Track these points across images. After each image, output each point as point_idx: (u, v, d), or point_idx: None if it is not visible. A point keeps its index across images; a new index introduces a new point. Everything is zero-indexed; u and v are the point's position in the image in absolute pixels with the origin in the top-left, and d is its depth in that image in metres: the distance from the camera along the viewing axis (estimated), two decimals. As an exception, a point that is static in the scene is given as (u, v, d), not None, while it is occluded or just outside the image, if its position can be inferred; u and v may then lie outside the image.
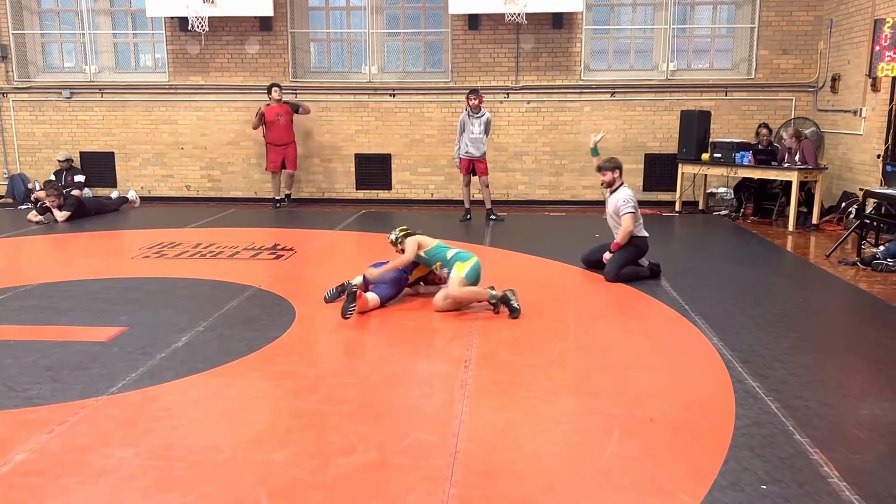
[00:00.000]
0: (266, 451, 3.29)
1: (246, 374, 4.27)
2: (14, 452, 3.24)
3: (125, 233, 9.08)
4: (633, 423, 3.56)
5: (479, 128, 9.38)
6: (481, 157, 9.48)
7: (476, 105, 9.30)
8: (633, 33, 11.30)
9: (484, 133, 9.44)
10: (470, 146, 9.43)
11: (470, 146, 9.43)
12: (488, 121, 9.47)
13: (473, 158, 9.47)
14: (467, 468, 3.12)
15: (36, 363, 4.36)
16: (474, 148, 9.43)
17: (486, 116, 9.42)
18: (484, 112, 9.43)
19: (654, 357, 4.54)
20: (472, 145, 9.43)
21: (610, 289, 6.22)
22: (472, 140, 9.41)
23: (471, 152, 9.45)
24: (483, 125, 9.39)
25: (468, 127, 9.40)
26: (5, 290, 6.04)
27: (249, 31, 11.05)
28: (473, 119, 9.37)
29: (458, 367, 4.29)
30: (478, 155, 9.45)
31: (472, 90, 9.43)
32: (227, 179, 11.54)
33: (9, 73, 11.44)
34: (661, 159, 10.95)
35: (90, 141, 11.59)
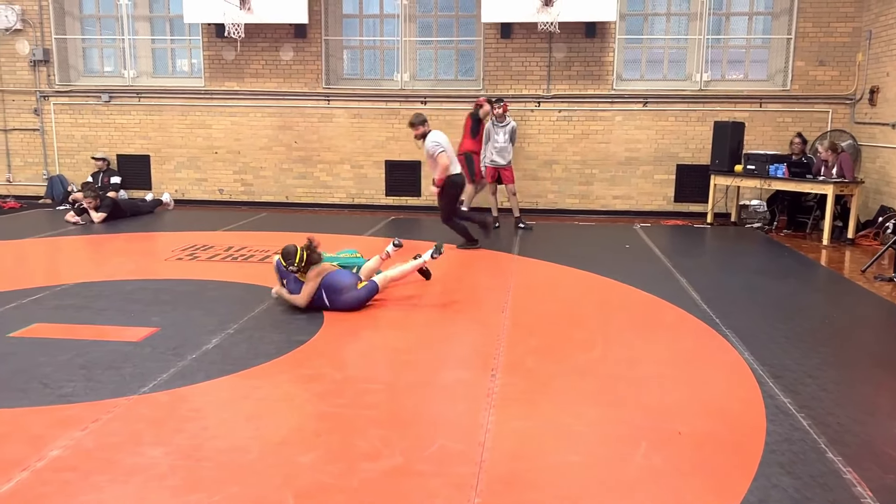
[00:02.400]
0: (293, 454, 3.32)
1: (274, 377, 4.31)
2: (48, 448, 3.31)
3: (159, 234, 9.23)
4: (660, 436, 3.52)
5: (504, 136, 9.38)
6: (507, 166, 9.47)
7: (500, 114, 9.31)
8: (666, 43, 11.23)
9: (510, 141, 9.43)
10: (495, 154, 9.44)
11: (495, 154, 9.44)
12: (513, 129, 9.46)
13: (499, 167, 9.48)
14: (492, 477, 3.12)
15: (70, 361, 4.45)
16: (499, 156, 9.43)
17: (511, 125, 9.42)
18: (509, 120, 9.43)
19: (682, 369, 4.50)
20: (497, 154, 9.43)
21: (639, 300, 6.17)
22: (498, 149, 9.41)
23: (496, 161, 9.46)
24: (508, 133, 9.38)
25: (493, 136, 9.42)
26: (42, 289, 6.18)
27: (284, 38, 11.19)
28: (498, 128, 9.38)
29: (484, 376, 4.29)
30: (503, 163, 9.45)
31: (497, 99, 9.45)
32: (259, 184, 11.68)
33: (50, 76, 11.72)
34: (694, 170, 10.84)
35: (127, 144, 11.81)
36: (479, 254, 8.14)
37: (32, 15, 11.53)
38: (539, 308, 5.85)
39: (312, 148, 11.50)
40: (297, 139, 11.47)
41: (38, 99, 11.78)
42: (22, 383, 4.10)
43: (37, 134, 11.91)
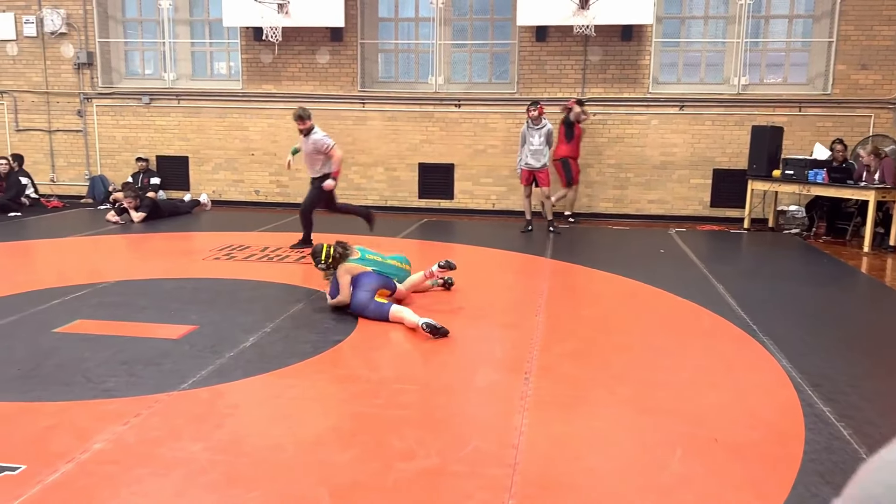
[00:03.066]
0: (328, 452, 3.36)
1: (310, 376, 4.36)
2: (92, 441, 3.40)
3: (197, 234, 9.39)
4: (696, 443, 3.49)
5: (540, 139, 9.36)
6: (542, 169, 9.45)
7: (536, 116, 9.29)
8: (703, 46, 11.12)
9: (545, 144, 9.41)
10: (530, 157, 9.43)
11: (530, 157, 9.43)
12: (549, 132, 9.43)
13: (534, 169, 9.46)
14: (526, 479, 3.12)
15: (112, 357, 4.55)
16: (534, 159, 9.41)
17: (546, 127, 9.39)
18: (545, 123, 9.40)
19: (719, 375, 4.45)
20: (532, 156, 9.42)
21: (674, 305, 6.12)
22: (533, 151, 9.40)
23: (531, 163, 9.44)
24: (544, 136, 9.36)
25: (528, 138, 9.41)
26: (84, 287, 6.32)
27: (320, 42, 11.31)
28: (533, 130, 9.37)
29: (518, 379, 4.29)
30: (538, 166, 9.43)
31: (533, 101, 9.45)
32: (295, 185, 11.80)
33: (94, 79, 12.00)
34: (730, 175, 10.71)
35: (166, 145, 12.03)
36: (512, 256, 8.14)
37: (77, 19, 11.81)
38: (573, 312, 5.83)
39: (347, 150, 11.56)
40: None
41: (82, 101, 12.06)
42: (66, 377, 4.21)
43: (80, 135, 12.19)
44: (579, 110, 10.12)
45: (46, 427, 3.57)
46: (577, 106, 10.14)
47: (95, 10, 11.78)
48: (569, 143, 10.24)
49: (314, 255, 5.70)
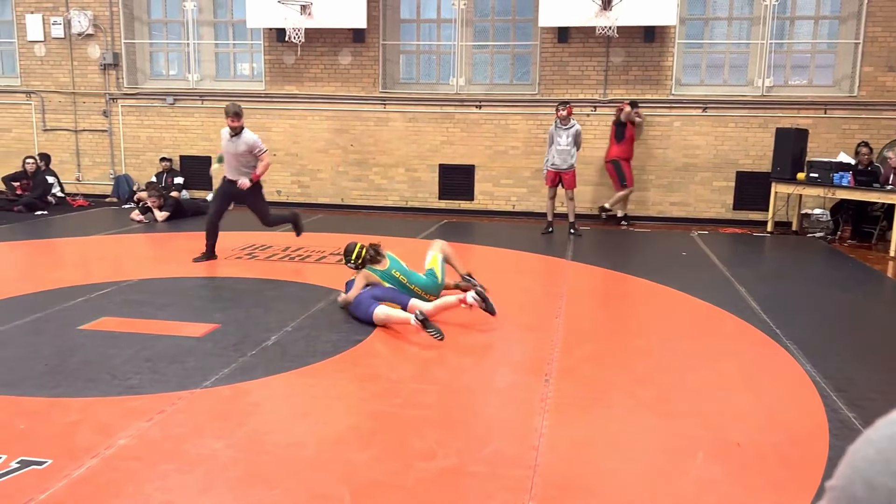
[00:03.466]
0: (349, 451, 3.37)
1: (331, 375, 4.39)
2: (117, 437, 3.44)
3: (219, 234, 9.44)
4: (717, 447, 3.47)
5: (567, 139, 9.31)
6: (568, 170, 9.40)
7: (565, 116, 9.25)
8: (727, 48, 11.03)
9: (573, 145, 9.36)
10: (556, 158, 9.38)
11: (556, 158, 9.38)
12: (578, 133, 9.37)
13: (560, 170, 9.42)
14: (547, 481, 3.11)
15: (137, 354, 4.61)
16: (560, 160, 9.37)
17: (575, 128, 9.34)
18: (573, 124, 9.35)
19: (741, 380, 4.41)
20: (558, 157, 9.37)
21: (696, 308, 6.07)
22: (560, 152, 9.35)
23: (557, 164, 9.40)
24: (571, 137, 9.31)
25: (556, 138, 9.37)
26: (109, 285, 6.41)
27: (343, 43, 11.37)
28: (561, 130, 9.32)
29: (538, 381, 4.28)
30: (564, 167, 9.39)
31: (562, 102, 9.41)
32: (316, 186, 11.88)
33: (119, 79, 12.15)
34: (754, 177, 10.61)
35: (190, 145, 12.15)
36: (532, 258, 8.12)
37: (104, 20, 11.97)
38: (594, 314, 5.81)
39: (368, 151, 11.64)
40: (353, 142, 11.64)
41: (107, 101, 12.21)
42: (92, 374, 4.27)
43: (105, 135, 12.35)
44: (629, 111, 10.13)
45: (72, 422, 3.63)
46: (628, 107, 10.16)
47: (122, 11, 11.93)
48: (619, 145, 10.28)
49: (346, 252, 5.70)
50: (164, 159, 11.88)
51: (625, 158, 10.37)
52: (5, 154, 12.54)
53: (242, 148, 7.21)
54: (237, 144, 7.21)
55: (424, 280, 5.78)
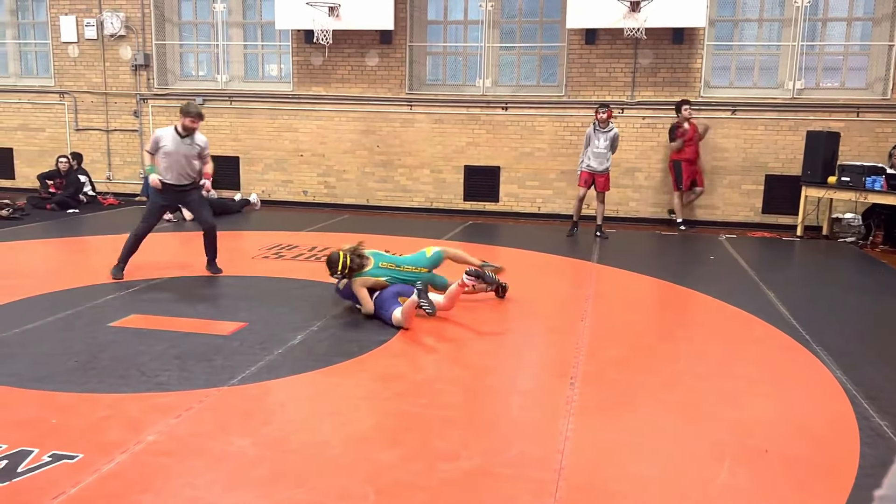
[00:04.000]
0: (373, 451, 3.39)
1: (356, 375, 4.41)
2: (146, 433, 3.49)
3: (246, 233, 9.56)
4: (745, 453, 3.43)
5: (605, 142, 9.27)
6: (603, 172, 9.36)
7: (604, 119, 9.21)
8: (757, 50, 10.90)
9: (609, 149, 9.31)
10: (592, 160, 9.35)
11: (592, 160, 9.35)
12: (615, 136, 9.31)
13: (595, 172, 9.38)
14: (572, 484, 3.10)
15: (165, 352, 4.67)
16: (596, 162, 9.34)
17: (613, 132, 9.29)
18: (612, 127, 9.31)
19: (769, 385, 4.36)
20: (594, 159, 9.34)
21: (724, 313, 6.00)
22: (596, 154, 9.32)
23: (592, 166, 9.37)
24: (609, 140, 9.27)
25: (593, 140, 9.34)
26: (139, 282, 6.50)
27: (370, 45, 11.42)
28: (599, 133, 9.28)
29: (563, 384, 4.27)
30: (600, 169, 9.35)
31: (602, 104, 9.38)
32: (342, 186, 11.94)
33: (150, 80, 12.32)
34: (783, 181, 10.47)
35: (218, 146, 12.26)
36: (558, 260, 8.09)
37: (135, 21, 12.15)
38: (620, 318, 5.77)
39: (394, 152, 11.68)
40: (379, 143, 11.68)
41: (138, 101, 12.39)
42: (122, 370, 4.34)
43: (135, 135, 12.53)
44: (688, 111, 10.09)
45: (102, 417, 3.69)
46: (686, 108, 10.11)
47: (153, 12, 12.10)
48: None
49: (330, 263, 5.58)
50: (192, 159, 12.01)
51: (685, 160, 10.30)
52: (39, 153, 12.78)
53: (196, 150, 6.83)
54: (191, 146, 6.80)
55: (410, 257, 5.91)
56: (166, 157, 6.71)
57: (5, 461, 3.18)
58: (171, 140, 6.70)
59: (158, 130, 6.91)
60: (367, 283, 5.53)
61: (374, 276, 5.58)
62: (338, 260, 5.51)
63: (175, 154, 6.72)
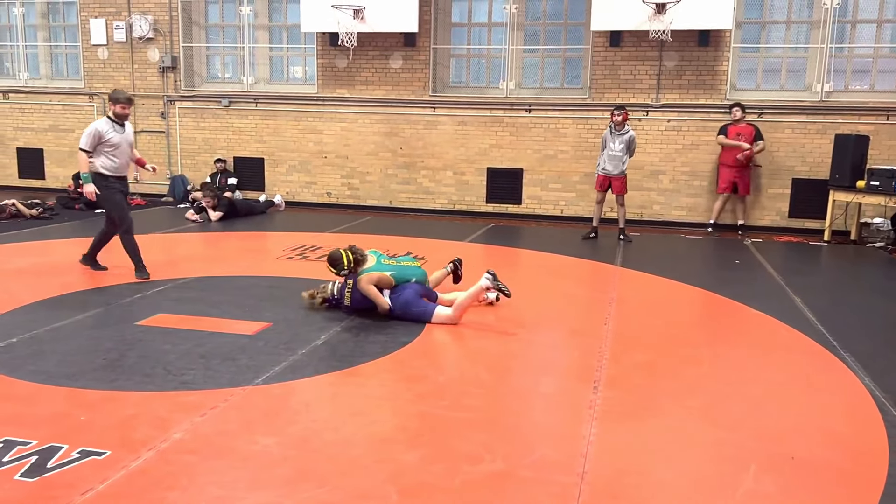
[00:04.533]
0: (396, 451, 3.40)
1: (379, 376, 4.43)
2: (172, 431, 3.54)
3: (271, 234, 9.64)
4: (770, 460, 3.39)
5: (620, 145, 9.20)
6: (619, 175, 9.29)
7: (620, 122, 9.15)
8: (784, 52, 10.78)
9: (625, 151, 9.24)
10: (608, 163, 9.29)
11: (608, 163, 9.29)
12: (631, 139, 9.24)
13: (610, 176, 9.32)
14: (595, 489, 3.09)
15: (190, 351, 4.72)
16: (612, 165, 9.27)
17: (629, 134, 9.22)
18: (627, 129, 9.24)
19: (795, 392, 4.31)
20: (609, 162, 9.28)
21: (749, 318, 5.94)
22: (611, 157, 9.25)
23: (607, 169, 9.31)
24: (625, 143, 9.20)
25: (608, 143, 9.28)
26: (165, 282, 6.58)
27: (394, 47, 11.47)
28: (615, 136, 9.22)
29: (587, 388, 4.25)
30: (615, 173, 9.28)
31: (618, 106, 9.31)
32: (365, 188, 12.00)
33: (177, 82, 12.47)
34: (811, 185, 10.34)
35: (243, 147, 12.40)
36: (581, 263, 8.06)
37: (163, 24, 12.31)
38: (643, 322, 5.74)
39: (417, 154, 11.71)
40: (402, 145, 11.72)
41: (165, 103, 12.55)
42: (148, 368, 4.39)
43: (162, 136, 12.69)
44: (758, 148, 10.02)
45: (129, 415, 3.74)
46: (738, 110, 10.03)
47: (180, 15, 12.25)
48: None
49: (334, 262, 5.58)
50: (218, 160, 12.15)
51: (723, 163, 10.22)
52: (68, 154, 12.99)
53: (132, 135, 6.82)
54: (128, 133, 6.74)
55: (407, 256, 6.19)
56: (114, 149, 6.60)
57: (35, 457, 3.24)
58: (113, 131, 6.60)
59: (93, 125, 6.65)
60: (373, 278, 5.49)
61: (379, 271, 5.57)
62: (340, 257, 5.55)
63: (122, 144, 6.66)
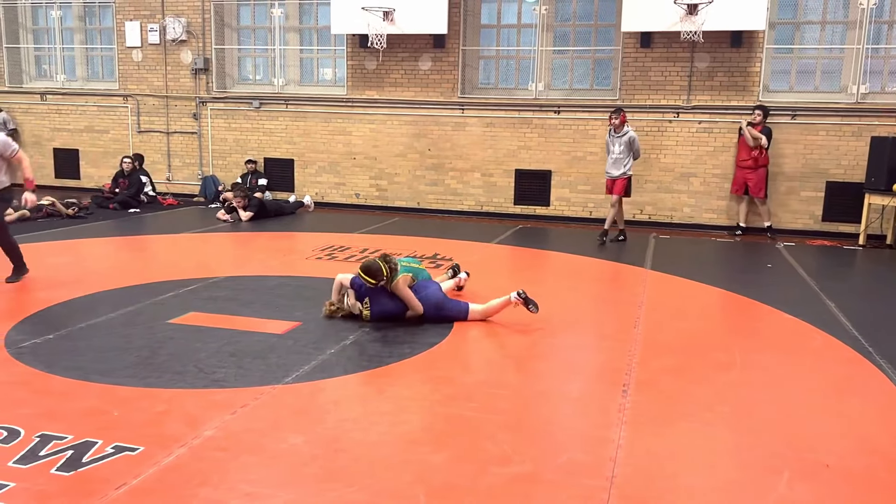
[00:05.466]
0: (424, 452, 3.41)
1: (407, 376, 4.45)
2: (204, 428, 3.58)
3: (300, 234, 9.72)
4: (804, 467, 3.34)
5: (620, 147, 9.17)
6: (619, 177, 9.25)
7: (618, 125, 9.11)
8: (819, 53, 10.61)
9: (627, 154, 9.18)
10: (610, 166, 9.29)
11: (610, 166, 9.29)
12: (631, 140, 9.18)
13: (612, 178, 9.30)
14: (623, 494, 3.07)
15: (221, 349, 4.78)
16: (614, 168, 9.26)
17: (628, 135, 9.17)
18: (627, 131, 9.19)
19: (830, 398, 4.24)
20: (612, 165, 9.28)
21: (781, 322, 5.85)
22: (613, 160, 9.26)
23: (610, 172, 9.31)
24: (625, 144, 9.15)
25: (610, 147, 9.28)
26: (196, 281, 6.67)
27: (423, 49, 11.49)
28: (615, 138, 9.21)
29: (615, 391, 4.22)
30: (616, 174, 9.25)
31: (615, 109, 9.29)
32: (393, 189, 12.04)
33: (209, 83, 12.63)
34: (845, 188, 10.16)
35: (273, 148, 12.52)
36: (610, 266, 8.01)
37: (196, 27, 12.47)
38: (673, 325, 5.68)
39: (445, 156, 11.72)
40: (430, 147, 11.74)
41: (197, 104, 12.72)
42: (180, 366, 4.45)
43: (194, 137, 12.86)
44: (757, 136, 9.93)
45: (161, 412, 3.79)
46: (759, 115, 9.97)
47: (213, 18, 12.40)
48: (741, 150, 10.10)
49: (374, 274, 5.39)
50: (249, 161, 12.28)
51: (736, 163, 10.15)
52: (102, 154, 13.23)
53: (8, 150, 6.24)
54: None
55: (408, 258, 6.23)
56: None
57: (71, 451, 3.30)
58: None
59: None
60: (408, 280, 5.54)
61: (408, 273, 5.62)
62: (379, 269, 5.39)
63: None
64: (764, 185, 10.14)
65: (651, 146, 10.77)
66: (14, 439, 3.41)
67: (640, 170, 10.83)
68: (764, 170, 10.10)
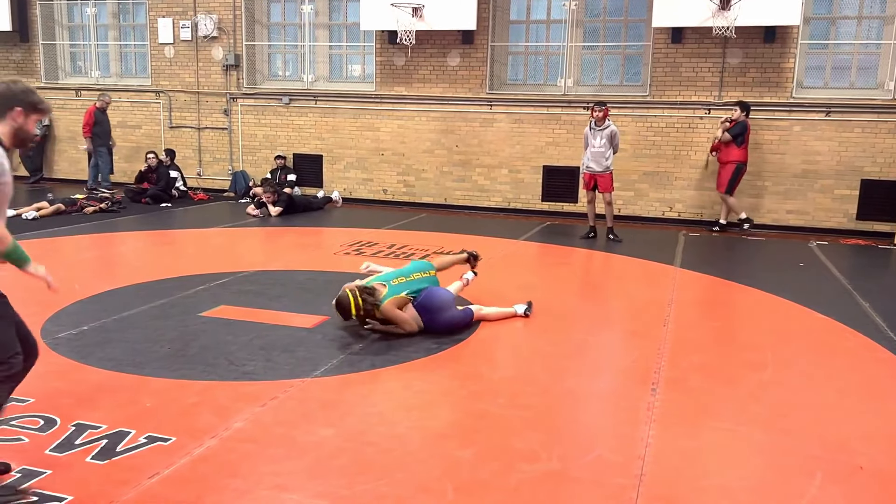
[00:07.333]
0: (452, 448, 3.42)
1: (434, 372, 4.46)
2: (233, 420, 3.63)
3: (328, 230, 9.78)
4: (836, 468, 3.29)
5: (602, 141, 9.06)
6: (603, 172, 9.14)
7: (600, 117, 9.01)
8: (855, 48, 10.40)
9: (608, 147, 9.08)
10: (591, 160, 9.17)
11: (591, 160, 9.17)
12: (613, 134, 9.08)
13: (595, 173, 9.19)
14: (652, 492, 3.05)
15: (251, 342, 4.83)
16: (594, 162, 9.14)
17: (609, 129, 9.06)
18: (608, 125, 9.09)
19: (864, 400, 4.17)
20: (592, 159, 9.16)
21: (814, 322, 5.77)
22: (594, 154, 9.13)
23: (591, 167, 9.19)
24: (606, 138, 9.05)
25: (590, 140, 9.16)
26: (227, 275, 6.74)
27: (451, 45, 11.48)
28: (596, 132, 9.10)
29: (644, 389, 4.19)
30: (599, 170, 9.14)
31: (598, 102, 9.22)
32: (420, 185, 12.06)
33: (240, 80, 12.75)
34: (881, 186, 9.96)
35: (303, 144, 12.61)
36: (639, 264, 7.94)
37: (227, 23, 12.59)
38: (703, 324, 5.63)
39: (472, 152, 11.71)
40: (458, 143, 11.74)
41: (228, 100, 12.84)
42: (210, 358, 4.51)
43: (225, 132, 12.99)
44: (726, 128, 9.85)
45: (193, 403, 3.85)
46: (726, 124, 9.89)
47: (244, 14, 12.51)
48: (741, 148, 9.92)
49: (342, 309, 4.98)
50: (278, 157, 12.38)
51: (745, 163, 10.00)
52: (135, 149, 13.41)
53: None
54: None
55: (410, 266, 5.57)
56: None
57: (105, 440, 3.37)
58: None
59: None
60: (398, 301, 5.05)
61: (397, 295, 5.08)
62: (348, 304, 4.90)
63: None
64: (727, 181, 9.97)
65: (682, 143, 10.66)
66: (50, 428, 3.48)
67: (671, 167, 10.74)
68: (732, 165, 9.93)
